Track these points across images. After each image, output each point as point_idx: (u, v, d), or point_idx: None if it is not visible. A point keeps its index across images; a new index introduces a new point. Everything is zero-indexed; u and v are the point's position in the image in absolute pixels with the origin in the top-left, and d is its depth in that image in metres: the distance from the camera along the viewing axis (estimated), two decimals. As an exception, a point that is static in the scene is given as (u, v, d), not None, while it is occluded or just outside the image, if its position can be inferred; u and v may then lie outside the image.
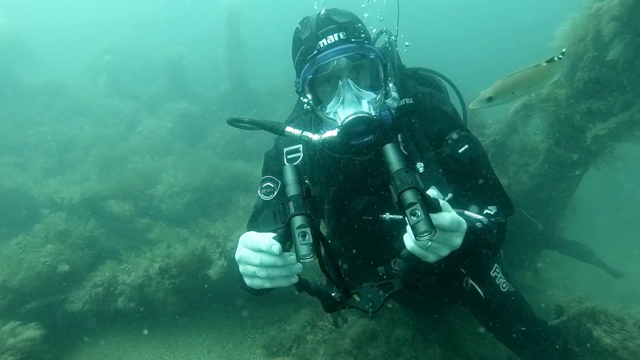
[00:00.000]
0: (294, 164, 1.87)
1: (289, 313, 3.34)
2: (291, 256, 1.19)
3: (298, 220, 1.13)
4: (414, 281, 1.41)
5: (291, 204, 1.18)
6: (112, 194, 4.89)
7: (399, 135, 1.78)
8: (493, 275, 2.05)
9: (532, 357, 2.04)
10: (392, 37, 1.87)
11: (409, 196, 1.10)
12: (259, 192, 1.87)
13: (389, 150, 1.27)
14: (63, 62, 12.48)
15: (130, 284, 3.28)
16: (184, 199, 5.06)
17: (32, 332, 2.90)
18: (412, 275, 1.38)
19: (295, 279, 1.25)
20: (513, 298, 2.07)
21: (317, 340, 2.82)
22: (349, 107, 1.54)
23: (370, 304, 1.46)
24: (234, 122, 1.74)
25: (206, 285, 3.40)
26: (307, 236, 1.11)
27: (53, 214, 4.05)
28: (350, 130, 1.52)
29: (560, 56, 1.95)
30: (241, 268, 1.27)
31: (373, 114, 1.55)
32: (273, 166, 1.96)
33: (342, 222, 1.99)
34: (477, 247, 1.37)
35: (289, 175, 1.26)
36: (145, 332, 3.38)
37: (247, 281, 1.27)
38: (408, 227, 1.14)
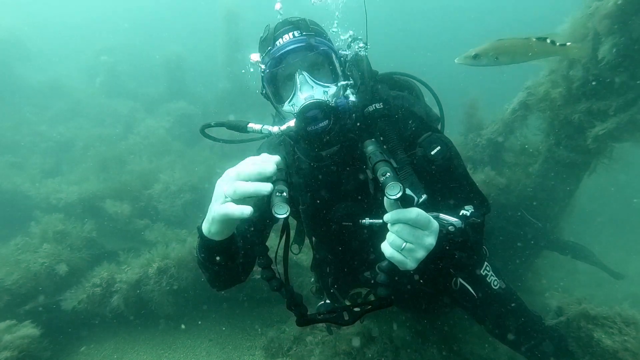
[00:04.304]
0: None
1: (288, 314, 3.31)
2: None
3: (277, 184, 1.29)
4: (392, 296, 1.44)
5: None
6: (110, 195, 4.88)
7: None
8: (483, 273, 2.05)
9: (528, 351, 2.06)
10: (362, 47, 1.90)
11: (382, 164, 1.32)
12: None
13: (368, 142, 1.53)
14: (61, 62, 12.45)
15: (127, 281, 3.27)
16: (182, 199, 5.05)
17: (29, 329, 2.88)
18: (391, 288, 1.41)
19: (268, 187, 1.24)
20: (505, 295, 2.07)
21: (316, 341, 2.80)
22: (304, 95, 1.58)
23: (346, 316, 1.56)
24: (203, 131, 1.80)
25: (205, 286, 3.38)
26: (284, 193, 1.26)
27: (51, 214, 4.03)
28: (305, 115, 1.53)
29: (556, 42, 1.93)
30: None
31: (327, 100, 1.58)
32: None
33: (324, 231, 2.02)
34: (451, 250, 1.38)
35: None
36: (144, 333, 3.36)
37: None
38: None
